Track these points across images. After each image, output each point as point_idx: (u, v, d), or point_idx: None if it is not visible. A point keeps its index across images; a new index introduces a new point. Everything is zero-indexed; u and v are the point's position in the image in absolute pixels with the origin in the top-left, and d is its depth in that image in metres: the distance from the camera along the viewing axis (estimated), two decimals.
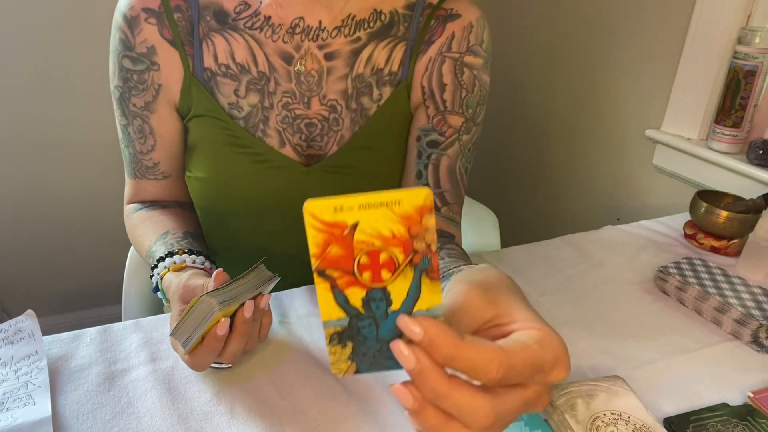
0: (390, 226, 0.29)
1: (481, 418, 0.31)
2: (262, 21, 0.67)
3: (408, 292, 0.30)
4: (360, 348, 0.32)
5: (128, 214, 0.77)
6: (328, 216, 0.29)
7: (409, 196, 0.28)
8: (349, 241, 0.29)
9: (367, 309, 0.31)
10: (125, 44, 0.67)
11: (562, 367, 0.33)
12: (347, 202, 0.28)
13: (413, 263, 0.30)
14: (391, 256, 0.30)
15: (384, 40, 0.70)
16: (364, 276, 0.30)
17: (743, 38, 1.02)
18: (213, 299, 0.51)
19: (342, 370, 0.33)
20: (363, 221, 0.29)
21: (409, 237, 0.29)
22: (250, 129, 0.69)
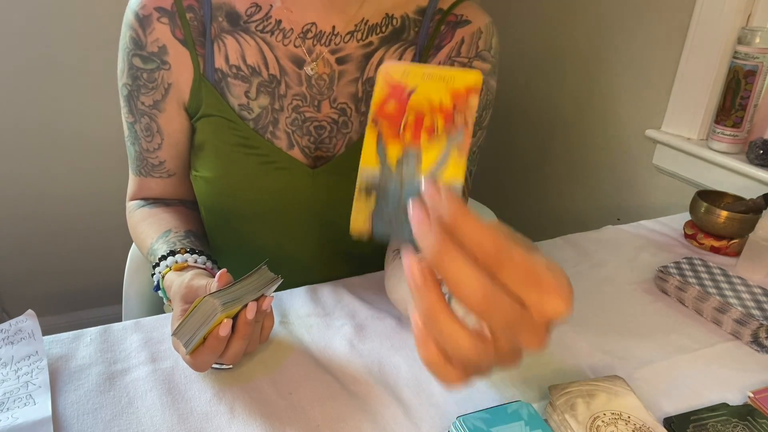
0: (441, 97, 0.34)
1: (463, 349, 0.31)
2: (273, 24, 0.67)
3: (438, 159, 0.34)
4: (382, 204, 0.35)
5: (131, 210, 0.77)
6: (397, 75, 0.34)
7: (463, 76, 0.33)
8: (405, 100, 0.34)
9: (398, 167, 0.35)
10: (136, 43, 0.67)
11: (561, 296, 0.30)
12: (414, 69, 0.34)
13: (449, 133, 0.34)
14: (433, 123, 0.34)
15: (395, 44, 0.70)
16: (407, 135, 0.34)
17: (743, 38, 1.02)
18: (216, 300, 0.51)
19: (359, 226, 0.36)
20: (421, 87, 0.34)
21: (453, 109, 0.34)
22: (260, 130, 0.69)
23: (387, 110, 0.34)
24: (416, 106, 0.34)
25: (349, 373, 0.58)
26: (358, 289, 0.73)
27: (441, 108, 0.34)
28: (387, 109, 0.34)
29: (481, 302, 0.29)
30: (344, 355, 0.61)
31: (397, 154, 0.34)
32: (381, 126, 0.34)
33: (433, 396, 0.56)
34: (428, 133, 0.34)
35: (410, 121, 0.34)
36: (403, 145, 0.34)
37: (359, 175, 0.35)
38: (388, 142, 0.34)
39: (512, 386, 0.58)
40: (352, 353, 0.61)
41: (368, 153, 0.35)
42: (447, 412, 0.54)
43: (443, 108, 0.34)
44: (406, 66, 0.34)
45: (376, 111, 0.34)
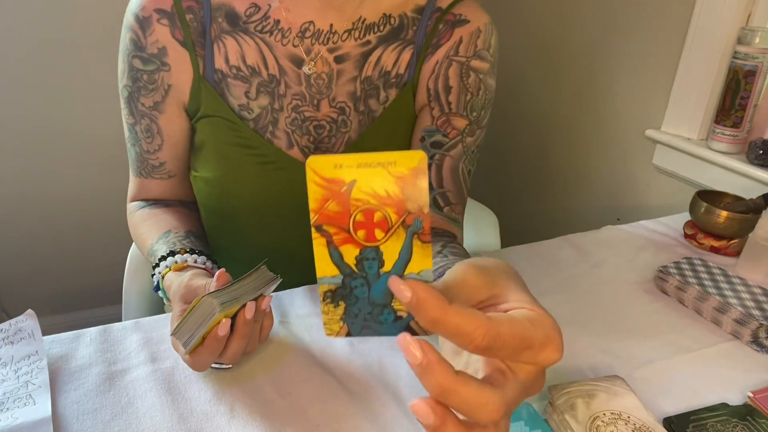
0: (385, 186, 0.30)
1: (492, 412, 0.30)
2: (271, 24, 0.67)
3: (399, 253, 0.31)
4: (352, 309, 0.33)
5: (131, 211, 0.77)
6: (328, 172, 0.30)
7: (405, 158, 0.30)
8: (347, 198, 0.30)
9: (360, 268, 0.32)
10: (136, 44, 0.67)
11: (553, 348, 0.32)
12: (347, 161, 0.30)
13: (405, 224, 0.31)
14: (385, 216, 0.31)
15: (393, 43, 0.70)
16: (359, 234, 0.31)
17: (743, 38, 1.02)
18: (214, 300, 0.51)
19: (334, 331, 0.33)
20: (360, 179, 0.30)
21: (403, 198, 0.30)
22: (260, 130, 0.69)
23: (328, 212, 0.31)
24: (360, 202, 0.30)
25: (349, 373, 0.58)
26: None
27: (389, 198, 0.30)
28: (328, 211, 0.31)
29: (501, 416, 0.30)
30: (344, 355, 0.61)
31: (354, 255, 0.31)
32: (328, 230, 0.31)
33: None
34: (382, 229, 0.31)
35: (359, 220, 0.31)
36: (359, 246, 0.31)
37: (319, 285, 0.32)
38: (341, 245, 0.31)
39: None
40: (352, 353, 0.61)
41: (322, 263, 0.32)
42: None
43: (392, 198, 0.30)
44: (336, 159, 0.30)
45: (317, 217, 0.31)
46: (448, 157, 0.71)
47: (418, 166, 0.30)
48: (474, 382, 0.30)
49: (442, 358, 0.30)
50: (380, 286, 0.32)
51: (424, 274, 0.32)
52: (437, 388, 0.29)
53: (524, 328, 0.31)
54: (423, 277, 0.32)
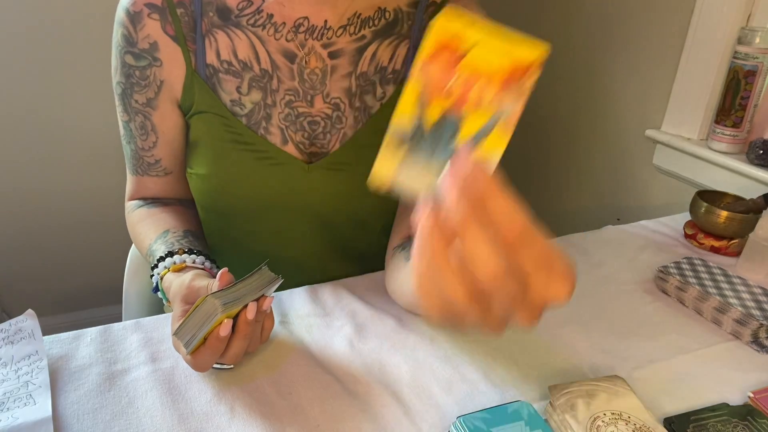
0: (500, 62, 0.30)
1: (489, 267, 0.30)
2: (264, 19, 0.67)
3: (480, 129, 0.31)
4: (409, 161, 0.32)
5: (129, 211, 0.77)
6: (457, 24, 0.30)
7: (529, 46, 0.29)
8: (460, 57, 0.30)
9: (433, 131, 0.31)
10: (128, 40, 0.67)
11: (566, 283, 0.32)
12: (479, 22, 0.30)
13: (499, 105, 0.30)
14: (483, 90, 0.30)
15: (388, 38, 0.70)
16: (452, 96, 0.31)
17: (743, 38, 1.02)
18: (216, 300, 0.51)
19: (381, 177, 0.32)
20: (482, 44, 0.30)
21: (510, 79, 0.30)
22: (253, 126, 0.69)
23: (435, 65, 0.30)
24: (471, 65, 0.30)
25: (349, 373, 0.58)
26: (358, 289, 0.73)
27: (496, 76, 0.30)
28: (436, 63, 0.30)
29: (491, 279, 0.30)
30: (344, 355, 0.61)
31: (437, 115, 0.31)
32: (427, 76, 0.30)
33: (433, 396, 0.56)
34: (476, 101, 0.30)
35: (461, 81, 0.30)
36: (446, 108, 0.31)
37: (391, 125, 0.32)
38: (432, 97, 0.30)
39: (512, 386, 0.58)
40: (352, 353, 0.61)
41: (406, 104, 0.31)
42: (447, 413, 0.54)
43: (499, 76, 0.30)
44: (466, 19, 0.29)
45: (425, 59, 0.30)
46: None
47: (536, 59, 0.29)
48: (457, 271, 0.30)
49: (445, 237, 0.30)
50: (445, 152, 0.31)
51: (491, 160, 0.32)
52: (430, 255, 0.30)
53: (555, 251, 0.31)
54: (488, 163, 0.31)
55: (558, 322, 0.68)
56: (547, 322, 0.68)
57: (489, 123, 0.31)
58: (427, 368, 0.59)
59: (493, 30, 0.29)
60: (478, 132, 0.31)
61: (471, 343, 0.63)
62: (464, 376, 0.58)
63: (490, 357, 0.61)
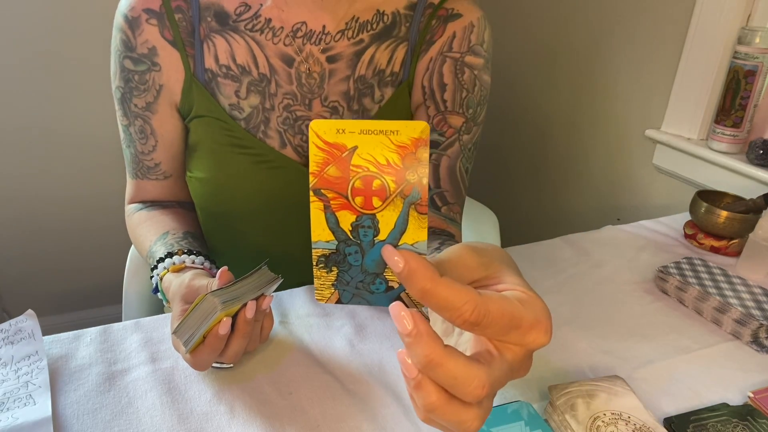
0: (386, 154, 0.30)
1: (477, 388, 0.30)
2: (262, 23, 0.67)
3: (396, 223, 0.31)
4: (344, 276, 0.33)
5: (129, 214, 0.77)
6: (330, 136, 0.30)
7: (407, 127, 0.30)
8: (347, 164, 0.30)
9: (355, 235, 0.32)
10: (126, 45, 0.67)
11: (541, 330, 0.32)
12: (349, 126, 0.30)
13: (404, 194, 0.31)
14: (383, 184, 0.31)
15: (386, 41, 0.70)
16: (357, 200, 0.31)
17: (743, 38, 1.02)
18: (216, 299, 0.51)
19: (325, 296, 0.34)
20: (362, 146, 0.30)
21: (403, 167, 0.30)
22: (251, 130, 0.69)
23: (328, 177, 0.31)
24: (360, 168, 0.30)
25: (349, 373, 0.58)
26: None
27: (389, 167, 0.30)
28: (327, 175, 0.31)
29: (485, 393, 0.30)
30: (344, 355, 0.61)
31: (351, 221, 0.31)
32: (326, 194, 0.31)
33: None
34: (380, 198, 0.31)
35: (357, 186, 0.31)
36: (356, 212, 0.31)
37: (313, 250, 0.32)
38: (338, 211, 0.31)
39: (512, 386, 0.57)
40: (352, 353, 0.61)
41: (318, 227, 0.32)
42: None
43: (392, 166, 0.30)
44: (339, 124, 0.30)
45: (316, 181, 0.31)
46: (445, 156, 0.71)
47: (420, 137, 0.30)
48: (461, 356, 0.30)
49: (432, 330, 0.30)
50: (374, 255, 0.32)
51: (418, 246, 0.32)
52: (424, 359, 0.30)
53: (514, 308, 0.31)
54: (417, 248, 0.32)
55: (558, 322, 0.68)
56: None
57: (402, 213, 0.31)
58: None
59: (365, 125, 0.30)
60: (396, 226, 0.31)
61: None
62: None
63: None
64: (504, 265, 0.36)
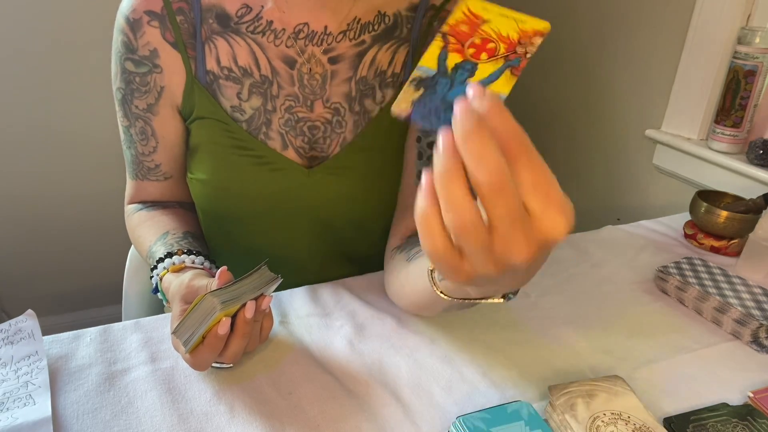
0: (509, 31, 0.37)
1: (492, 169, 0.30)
2: (264, 25, 0.67)
3: (490, 74, 0.37)
4: (427, 97, 0.37)
5: (129, 214, 0.77)
6: (476, 8, 0.37)
7: (534, 21, 0.37)
8: (477, 27, 0.37)
9: (453, 73, 0.37)
10: (128, 47, 0.67)
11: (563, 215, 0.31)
12: (493, 7, 0.37)
13: (508, 58, 0.37)
14: (496, 47, 0.37)
15: (387, 42, 0.70)
16: (469, 50, 0.37)
17: (743, 38, 1.02)
18: (215, 298, 0.51)
19: (401, 107, 0.38)
20: (495, 21, 0.37)
21: (517, 42, 0.37)
22: (253, 132, 0.69)
23: (458, 30, 0.37)
24: (485, 32, 0.37)
25: (348, 373, 0.58)
26: (358, 289, 0.73)
27: (508, 38, 0.37)
28: (459, 29, 0.37)
29: (493, 183, 0.30)
30: (344, 355, 0.61)
31: (457, 60, 0.37)
32: (448, 40, 0.37)
33: (433, 396, 0.56)
34: (489, 54, 0.37)
35: (476, 42, 0.37)
36: (464, 57, 0.37)
37: (415, 69, 0.37)
38: (451, 52, 0.37)
39: (512, 386, 0.58)
40: (352, 353, 0.61)
41: (430, 55, 0.37)
42: (447, 412, 0.54)
43: (509, 39, 0.37)
44: (486, 3, 0.37)
45: (448, 28, 0.37)
46: None
47: (541, 30, 0.37)
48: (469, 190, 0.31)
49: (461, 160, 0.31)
50: (459, 91, 0.37)
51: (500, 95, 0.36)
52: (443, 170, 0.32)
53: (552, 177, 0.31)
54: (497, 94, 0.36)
55: (558, 322, 0.68)
56: (547, 322, 0.68)
57: (499, 70, 0.37)
58: (427, 368, 0.59)
59: (505, 11, 0.37)
60: (489, 76, 0.37)
61: (471, 343, 0.63)
62: (464, 376, 0.58)
63: (490, 357, 0.61)
64: None
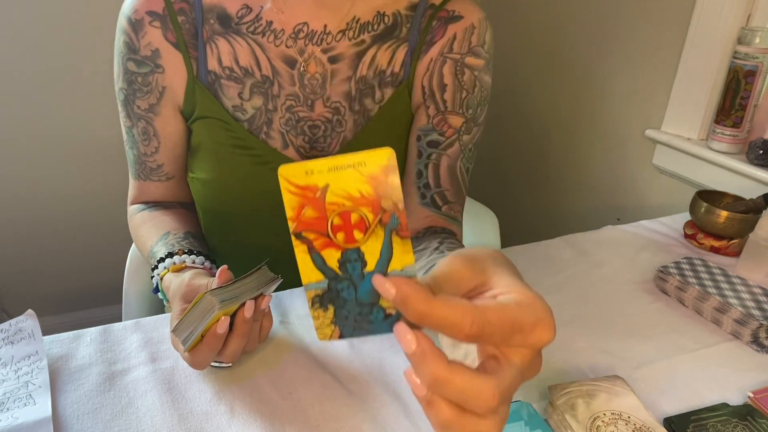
0: (358, 187, 0.31)
1: (488, 400, 0.30)
2: (264, 26, 0.67)
3: (380, 251, 0.32)
4: (341, 311, 0.33)
5: (131, 214, 0.77)
6: (300, 179, 0.31)
7: (373, 157, 0.30)
8: (322, 203, 0.31)
9: (343, 270, 0.32)
10: (130, 47, 0.67)
11: (545, 328, 0.32)
12: (317, 166, 0.30)
13: (383, 223, 0.31)
14: (361, 216, 0.31)
15: (387, 41, 0.70)
16: (338, 237, 0.32)
17: (743, 38, 1.02)
18: (214, 297, 0.51)
19: (327, 334, 0.34)
20: (333, 183, 0.31)
21: (377, 196, 0.31)
22: (254, 131, 0.69)
23: (306, 219, 0.31)
24: (336, 205, 0.31)
25: (349, 373, 0.58)
26: None
27: (363, 198, 0.31)
28: (305, 217, 0.31)
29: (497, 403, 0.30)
30: (344, 355, 0.61)
31: (336, 256, 0.32)
32: (307, 237, 0.32)
33: None
34: (361, 230, 0.31)
35: (336, 223, 0.31)
36: (340, 249, 0.32)
37: (306, 292, 0.33)
38: (322, 250, 0.32)
39: None
40: (352, 353, 0.61)
41: (306, 269, 0.32)
42: None
43: (366, 198, 0.31)
44: (305, 165, 0.30)
45: (295, 225, 0.32)
46: (445, 155, 0.71)
47: (387, 164, 0.30)
48: (467, 370, 0.30)
49: (436, 348, 0.30)
50: (366, 286, 0.32)
51: (407, 270, 0.32)
52: (431, 377, 0.30)
53: (512, 312, 0.31)
54: (406, 272, 0.32)
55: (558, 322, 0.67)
56: None
57: (385, 243, 0.32)
58: None
59: (332, 162, 0.30)
60: (381, 256, 0.32)
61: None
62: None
63: None
64: (499, 268, 0.36)
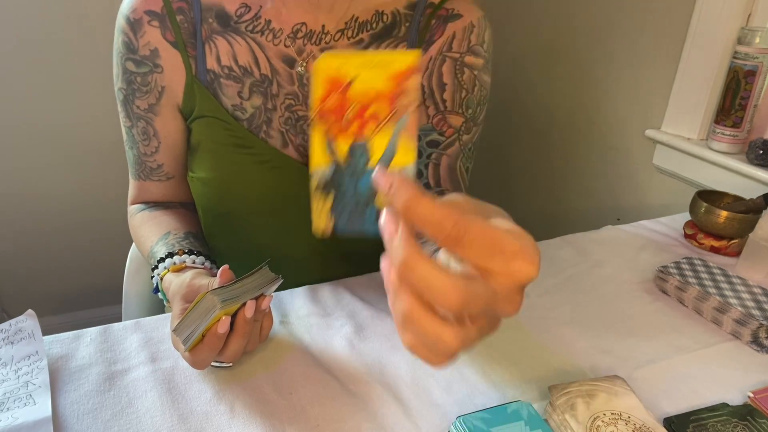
0: (382, 82, 0.33)
1: (449, 295, 0.29)
2: (262, 25, 0.67)
3: (387, 149, 0.34)
4: (340, 201, 0.35)
5: (132, 214, 0.77)
6: (333, 68, 0.33)
7: (401, 58, 0.32)
8: (345, 94, 0.33)
9: (349, 161, 0.34)
10: (128, 47, 0.67)
11: (527, 259, 0.30)
12: (350, 59, 0.33)
13: (395, 118, 0.33)
14: (377, 111, 0.33)
15: (386, 40, 0.70)
16: (353, 128, 0.34)
17: (743, 38, 1.02)
18: (215, 297, 0.51)
19: (320, 227, 0.35)
20: (360, 76, 0.33)
21: (395, 94, 0.33)
22: (254, 130, 0.69)
23: (329, 106, 0.33)
24: (358, 96, 0.33)
25: (349, 373, 0.58)
26: (358, 289, 0.73)
27: (383, 95, 0.33)
28: (329, 104, 0.33)
29: (459, 303, 0.29)
30: (344, 355, 0.61)
31: (346, 148, 0.34)
32: (326, 123, 0.34)
33: (433, 396, 0.56)
34: (374, 122, 0.33)
35: (354, 113, 0.33)
36: (351, 139, 0.34)
37: (312, 176, 0.34)
38: (336, 137, 0.34)
39: (512, 386, 0.58)
40: (352, 353, 0.61)
41: (317, 152, 0.34)
42: (447, 412, 0.54)
43: (385, 94, 0.33)
44: (342, 57, 0.33)
45: (317, 108, 0.34)
46: (444, 155, 0.71)
47: (412, 65, 0.32)
48: (438, 264, 0.30)
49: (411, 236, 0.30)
50: (366, 180, 0.34)
51: (407, 170, 0.34)
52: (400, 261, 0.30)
53: (497, 232, 0.30)
54: (405, 171, 0.34)
55: (558, 322, 0.68)
56: (547, 322, 0.68)
57: (393, 139, 0.34)
58: (427, 368, 0.59)
59: (365, 58, 0.33)
60: (386, 149, 0.34)
61: None
62: (464, 376, 0.58)
63: (490, 357, 0.61)
64: (498, 213, 0.36)
